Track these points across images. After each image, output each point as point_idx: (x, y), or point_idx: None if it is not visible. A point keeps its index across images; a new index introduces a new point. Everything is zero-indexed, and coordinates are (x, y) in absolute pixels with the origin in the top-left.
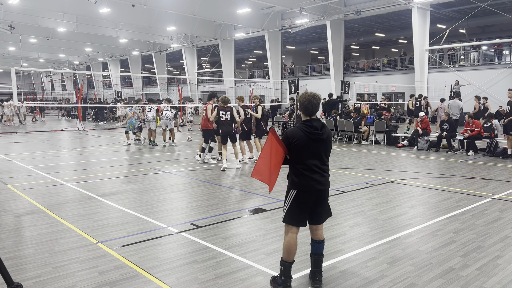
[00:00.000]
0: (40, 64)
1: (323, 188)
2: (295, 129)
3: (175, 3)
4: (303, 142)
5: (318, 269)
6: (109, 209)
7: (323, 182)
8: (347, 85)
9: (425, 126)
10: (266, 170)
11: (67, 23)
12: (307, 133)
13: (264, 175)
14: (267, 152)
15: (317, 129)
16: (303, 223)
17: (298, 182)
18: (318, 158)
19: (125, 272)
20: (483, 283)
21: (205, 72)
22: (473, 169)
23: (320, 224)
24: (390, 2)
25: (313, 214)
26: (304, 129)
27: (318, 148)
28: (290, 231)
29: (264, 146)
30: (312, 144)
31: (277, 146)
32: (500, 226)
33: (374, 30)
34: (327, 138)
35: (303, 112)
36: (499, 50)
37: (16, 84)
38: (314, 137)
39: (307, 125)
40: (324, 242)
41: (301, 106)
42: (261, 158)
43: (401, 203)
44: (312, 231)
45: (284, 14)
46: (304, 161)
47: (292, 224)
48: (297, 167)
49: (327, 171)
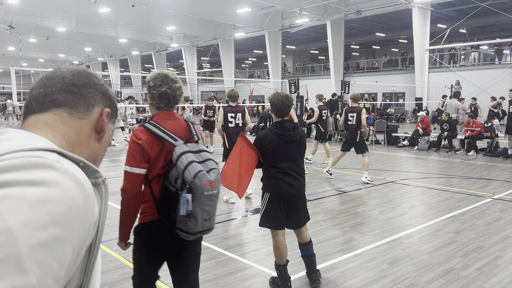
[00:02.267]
0: (40, 64)
1: (297, 192)
2: (267, 131)
3: (175, 3)
4: (275, 144)
5: (313, 270)
6: (109, 209)
7: (296, 186)
8: (347, 85)
9: (426, 126)
10: (233, 176)
11: (67, 23)
12: (279, 135)
13: (231, 181)
14: (235, 158)
15: (289, 130)
16: (280, 226)
17: (271, 185)
18: (292, 160)
19: (125, 272)
20: (483, 283)
21: (205, 72)
22: (474, 169)
23: (301, 227)
24: (390, 1)
25: (290, 219)
26: (276, 131)
27: (291, 150)
28: (275, 235)
29: (231, 151)
30: (285, 146)
31: (248, 150)
32: (500, 226)
33: (374, 30)
34: (300, 139)
35: (275, 113)
36: (500, 50)
37: (15, 84)
38: (287, 138)
39: (278, 126)
40: (312, 242)
41: (274, 107)
42: (228, 164)
43: (401, 203)
44: (296, 235)
45: (284, 14)
46: (277, 164)
47: (269, 227)
48: (270, 170)
49: (302, 174)
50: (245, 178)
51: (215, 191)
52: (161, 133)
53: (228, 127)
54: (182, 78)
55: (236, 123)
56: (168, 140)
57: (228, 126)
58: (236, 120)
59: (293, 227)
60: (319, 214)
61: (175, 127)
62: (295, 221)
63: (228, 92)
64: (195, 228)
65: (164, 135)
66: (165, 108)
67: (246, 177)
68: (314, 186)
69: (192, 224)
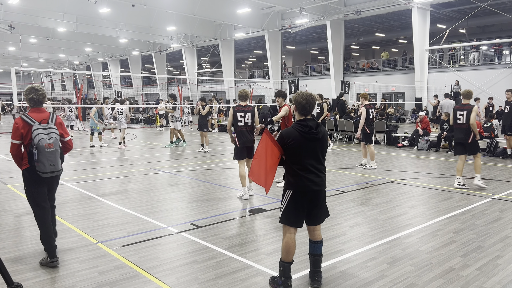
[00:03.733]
0: (40, 64)
1: (319, 189)
2: (290, 129)
3: (175, 3)
4: (298, 142)
5: (317, 270)
6: (109, 209)
7: (319, 182)
8: (347, 85)
9: (425, 126)
10: (261, 172)
11: (67, 23)
12: (303, 132)
13: (259, 177)
14: (261, 154)
15: (312, 128)
16: (299, 223)
17: (294, 182)
18: (314, 157)
19: (125, 272)
20: (483, 283)
21: (205, 72)
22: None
23: (318, 225)
24: (390, 2)
25: (310, 215)
26: (299, 129)
27: (314, 147)
28: (288, 232)
29: (257, 147)
30: (307, 143)
31: (272, 147)
32: (500, 226)
33: (374, 30)
34: (323, 137)
35: (299, 112)
36: (499, 50)
37: (16, 84)
38: (310, 136)
39: (302, 124)
40: (322, 242)
41: (298, 106)
42: (256, 159)
43: (401, 203)
44: (309, 231)
45: (284, 14)
46: (300, 161)
47: (289, 224)
48: (293, 168)
49: (324, 171)
50: (270, 174)
51: (53, 149)
52: (28, 120)
53: (237, 126)
54: (182, 78)
55: (245, 122)
56: (30, 123)
57: (238, 125)
58: (245, 119)
59: (311, 224)
60: None
61: (38, 116)
62: (314, 217)
63: (239, 92)
64: (44, 169)
65: (29, 120)
66: (35, 106)
67: (271, 173)
68: None
69: (41, 166)
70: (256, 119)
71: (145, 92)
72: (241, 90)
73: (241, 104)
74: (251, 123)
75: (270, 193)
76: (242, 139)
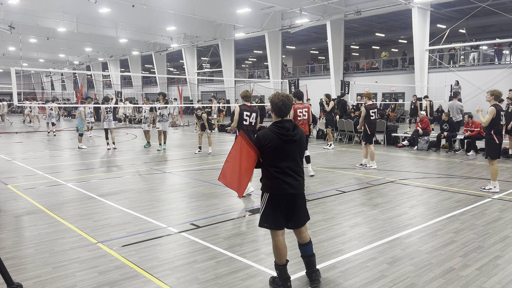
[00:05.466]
0: (40, 64)
1: (296, 192)
2: (267, 131)
3: (175, 3)
4: (275, 144)
5: (312, 270)
6: (109, 209)
7: (296, 185)
8: (347, 85)
9: (425, 126)
10: (234, 175)
11: (67, 23)
12: (279, 134)
13: (231, 180)
14: (235, 156)
15: (289, 130)
16: (279, 226)
17: (271, 185)
18: (292, 160)
19: (125, 272)
20: (483, 283)
21: (205, 72)
22: (473, 169)
23: (300, 227)
24: (390, 2)
25: (290, 219)
26: (276, 131)
27: (291, 149)
28: (275, 235)
29: (231, 149)
30: (285, 145)
31: (248, 150)
32: (500, 226)
33: (374, 30)
34: (300, 139)
35: (276, 113)
36: (499, 50)
37: (16, 84)
38: (287, 138)
39: (278, 126)
40: (312, 242)
41: (274, 107)
42: (228, 162)
43: (401, 203)
44: (296, 235)
45: (284, 14)
46: (277, 164)
47: (268, 227)
48: (270, 170)
49: (302, 174)
50: (245, 177)
51: None
52: None
53: (243, 125)
54: (182, 78)
55: (250, 121)
56: None
57: (243, 124)
58: (250, 119)
59: (292, 227)
60: (319, 214)
61: None
62: (294, 221)
63: (244, 93)
64: None
65: None
66: None
67: (246, 176)
68: (314, 186)
69: None
70: (258, 119)
71: (145, 92)
72: (246, 91)
73: (247, 104)
74: (254, 123)
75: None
76: None
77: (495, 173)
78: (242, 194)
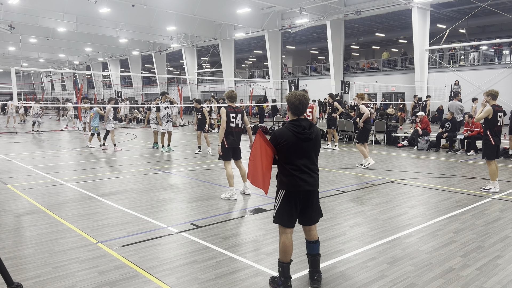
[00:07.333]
0: (40, 64)
1: (312, 189)
2: (283, 129)
3: (175, 3)
4: (291, 142)
5: (316, 269)
6: (109, 209)
7: (311, 182)
8: (347, 85)
9: (425, 126)
10: (258, 173)
11: (67, 23)
12: (296, 132)
13: (256, 178)
14: (256, 155)
15: (305, 128)
16: (292, 223)
17: (287, 182)
18: (307, 157)
19: (125, 272)
20: (483, 283)
21: (205, 72)
22: (473, 169)
23: (312, 225)
24: (390, 2)
25: (303, 215)
26: (292, 129)
27: (307, 147)
28: (283, 233)
29: (252, 148)
30: (300, 143)
31: (266, 147)
32: (500, 226)
33: (374, 30)
34: (316, 137)
35: (292, 112)
36: (499, 50)
37: (16, 84)
38: (303, 136)
39: (295, 124)
40: (319, 242)
41: (291, 106)
42: (251, 161)
43: (401, 203)
44: (305, 232)
45: (284, 14)
46: (293, 161)
47: (282, 224)
48: (286, 167)
49: (316, 171)
50: (267, 174)
51: None
52: None
53: (228, 127)
54: (182, 78)
55: (236, 123)
56: None
57: (229, 126)
58: (236, 121)
59: (305, 224)
60: None
61: None
62: (308, 217)
63: (229, 93)
64: None
65: None
66: None
67: (268, 173)
68: None
69: None
70: (245, 120)
71: (145, 92)
72: (231, 91)
73: (232, 106)
74: (241, 124)
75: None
76: (230, 140)
77: (493, 173)
78: (267, 190)
